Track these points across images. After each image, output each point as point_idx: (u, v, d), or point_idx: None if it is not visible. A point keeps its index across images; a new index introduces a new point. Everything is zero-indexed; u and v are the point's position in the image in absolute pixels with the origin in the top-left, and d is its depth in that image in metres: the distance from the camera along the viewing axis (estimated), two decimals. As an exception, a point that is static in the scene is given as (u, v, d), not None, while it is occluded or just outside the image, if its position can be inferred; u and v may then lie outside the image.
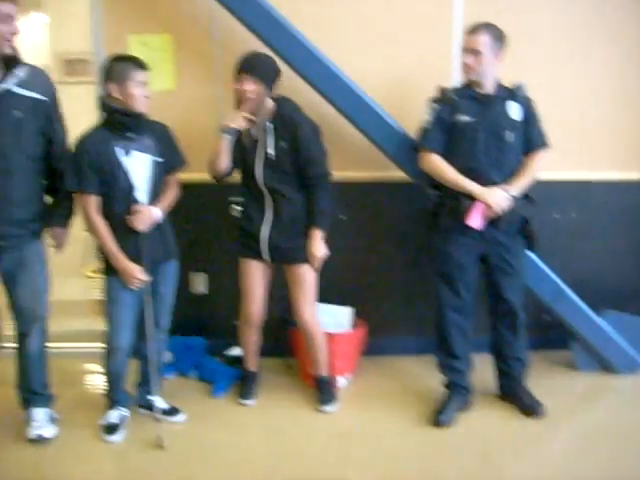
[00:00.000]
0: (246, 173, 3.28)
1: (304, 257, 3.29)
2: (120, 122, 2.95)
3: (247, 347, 3.57)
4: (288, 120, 3.19)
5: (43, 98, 2.93)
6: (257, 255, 3.32)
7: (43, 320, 3.17)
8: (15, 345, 3.22)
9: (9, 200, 2.86)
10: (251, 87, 3.09)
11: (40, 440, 3.14)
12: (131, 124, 2.97)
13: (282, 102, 3.23)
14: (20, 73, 2.82)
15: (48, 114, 2.98)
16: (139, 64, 2.96)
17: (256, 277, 3.38)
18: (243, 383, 3.60)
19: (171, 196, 3.18)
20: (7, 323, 3.55)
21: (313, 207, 3.25)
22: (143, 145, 3.02)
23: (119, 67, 2.94)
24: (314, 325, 3.42)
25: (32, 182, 2.95)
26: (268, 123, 3.18)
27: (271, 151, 3.18)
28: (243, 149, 3.24)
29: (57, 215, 3.11)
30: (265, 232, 3.25)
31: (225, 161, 3.22)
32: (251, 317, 3.43)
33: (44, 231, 3.09)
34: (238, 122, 3.13)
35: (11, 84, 2.80)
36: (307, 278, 3.34)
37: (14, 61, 2.82)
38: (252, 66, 3.10)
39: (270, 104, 3.20)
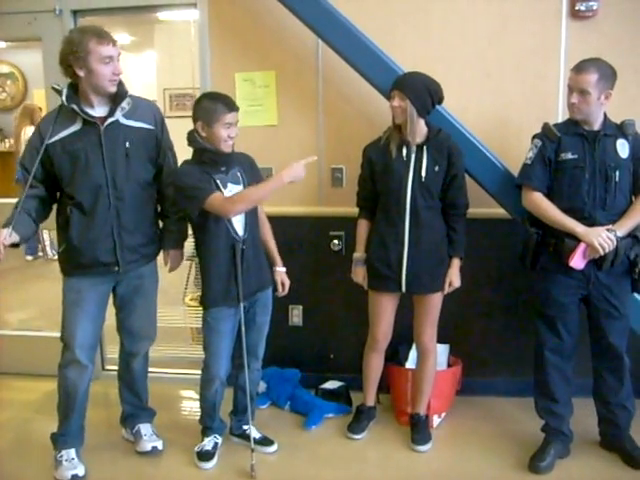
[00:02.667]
0: (389, 195, 3.24)
1: (440, 286, 3.29)
2: (211, 159, 2.99)
3: (369, 377, 3.53)
4: (445, 145, 3.20)
5: (151, 127, 3.08)
6: (391, 286, 3.29)
7: (152, 341, 3.34)
8: (121, 366, 3.37)
9: (122, 227, 2.99)
10: (396, 103, 3.12)
11: (154, 452, 3.30)
12: (222, 161, 3.01)
13: (436, 128, 3.23)
14: (126, 105, 2.96)
15: (157, 142, 3.12)
16: (229, 105, 2.97)
17: (386, 307, 3.36)
18: (357, 417, 3.56)
19: (269, 230, 3.27)
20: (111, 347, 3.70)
21: (456, 236, 3.28)
22: (234, 177, 3.07)
23: (208, 106, 2.97)
24: (430, 347, 3.40)
25: (143, 208, 3.08)
26: (424, 145, 3.19)
27: (424, 173, 3.17)
28: (388, 170, 3.22)
29: (170, 238, 3.23)
30: (405, 261, 3.23)
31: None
32: (377, 344, 3.43)
33: (157, 254, 3.23)
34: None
35: (119, 115, 2.96)
36: (437, 305, 3.34)
37: (120, 94, 2.96)
38: (401, 83, 3.15)
39: (424, 127, 3.20)
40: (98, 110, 2.94)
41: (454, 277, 3.29)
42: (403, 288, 3.26)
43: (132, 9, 4.03)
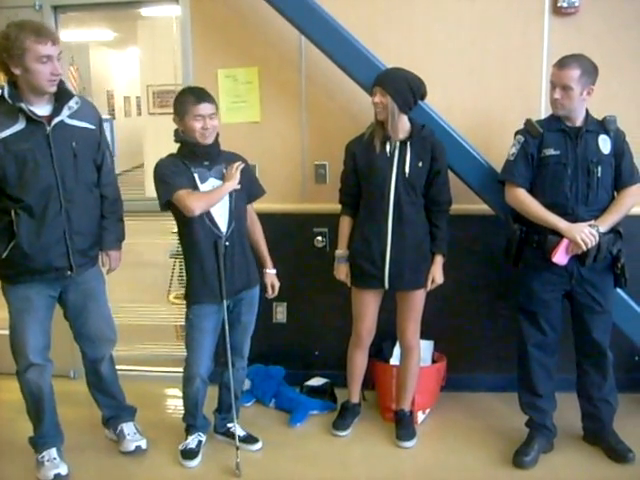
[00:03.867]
0: (372, 191, 3.23)
1: (423, 283, 3.29)
2: (191, 151, 3.00)
3: (353, 373, 3.53)
4: (429, 141, 3.19)
5: (93, 127, 3.01)
6: (374, 283, 3.29)
7: (114, 343, 3.29)
8: (88, 374, 3.31)
9: (73, 230, 2.91)
10: (378, 99, 3.12)
11: (138, 451, 3.27)
12: (202, 154, 3.00)
13: (420, 124, 3.22)
14: (74, 105, 2.89)
15: (98, 142, 3.05)
16: (198, 96, 2.95)
17: (369, 303, 3.35)
18: (342, 414, 3.56)
19: (261, 231, 3.27)
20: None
21: (439, 233, 3.27)
22: (219, 173, 3.05)
23: (180, 99, 2.99)
24: (414, 344, 3.40)
25: (91, 210, 3.02)
26: (407, 141, 3.18)
27: (408, 169, 3.17)
28: (371, 166, 3.21)
29: (110, 239, 3.15)
30: (387, 257, 3.22)
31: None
32: (361, 340, 3.43)
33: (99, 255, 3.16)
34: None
35: (64, 116, 2.87)
36: (420, 302, 3.34)
37: (64, 94, 2.90)
38: (382, 79, 3.14)
39: (407, 123, 3.19)
40: (39, 109, 2.83)
41: (437, 274, 3.29)
42: (386, 285, 3.26)
43: (114, 5, 4.00)
